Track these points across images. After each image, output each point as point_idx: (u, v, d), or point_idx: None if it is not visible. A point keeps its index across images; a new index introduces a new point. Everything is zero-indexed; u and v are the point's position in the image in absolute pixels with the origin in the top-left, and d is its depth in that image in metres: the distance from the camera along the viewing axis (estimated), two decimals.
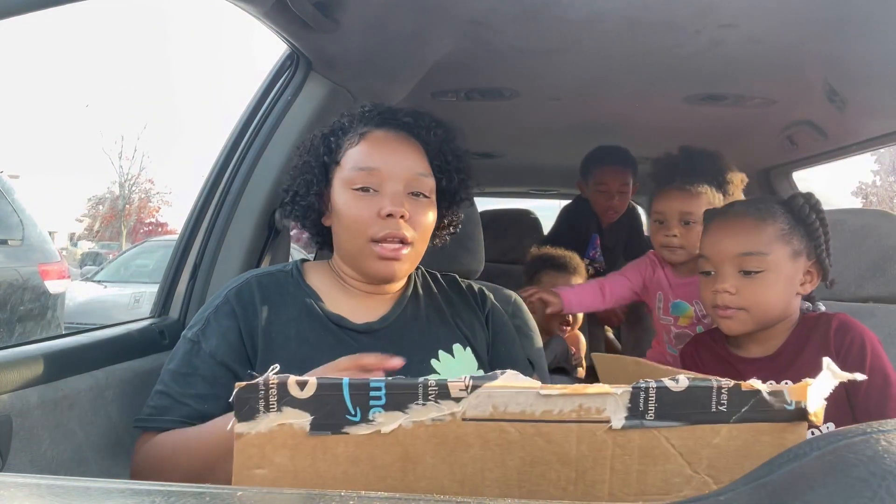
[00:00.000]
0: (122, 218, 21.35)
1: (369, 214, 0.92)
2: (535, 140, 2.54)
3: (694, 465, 0.48)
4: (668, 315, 1.67)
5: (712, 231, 1.16)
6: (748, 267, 1.09)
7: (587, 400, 0.48)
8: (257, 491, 0.39)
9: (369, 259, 0.94)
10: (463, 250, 1.41)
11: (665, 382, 0.48)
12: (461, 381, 0.48)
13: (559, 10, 1.29)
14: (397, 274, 0.96)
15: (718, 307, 1.12)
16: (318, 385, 0.47)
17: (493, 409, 0.48)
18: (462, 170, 1.04)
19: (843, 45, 1.39)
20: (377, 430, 0.48)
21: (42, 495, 0.34)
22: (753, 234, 1.10)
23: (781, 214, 1.11)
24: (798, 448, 0.34)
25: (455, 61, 1.56)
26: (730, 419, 0.48)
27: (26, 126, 33.26)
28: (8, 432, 0.89)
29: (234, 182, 1.41)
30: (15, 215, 3.96)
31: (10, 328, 3.81)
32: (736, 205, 1.19)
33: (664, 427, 0.48)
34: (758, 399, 0.48)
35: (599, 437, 0.48)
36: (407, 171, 0.95)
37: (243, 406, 0.47)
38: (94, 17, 42.79)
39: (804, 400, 0.47)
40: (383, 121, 0.99)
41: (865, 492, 0.28)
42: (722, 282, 1.11)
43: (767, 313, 1.10)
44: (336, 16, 1.25)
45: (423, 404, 0.48)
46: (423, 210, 0.96)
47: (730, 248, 1.11)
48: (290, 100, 1.43)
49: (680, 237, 1.58)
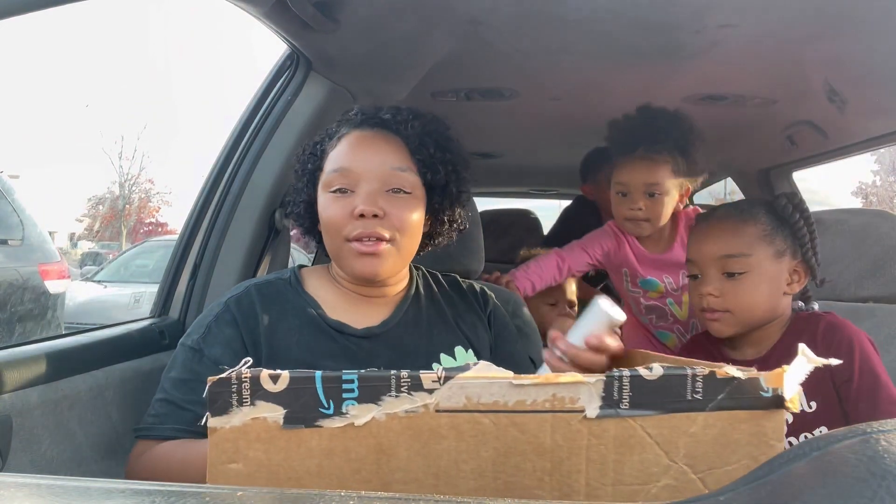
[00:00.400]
0: (122, 218, 21.35)
1: (343, 215, 0.92)
2: (535, 140, 2.54)
3: (671, 455, 0.48)
4: (637, 288, 1.62)
5: (697, 234, 1.17)
6: (731, 268, 1.09)
7: (560, 389, 0.48)
8: (257, 491, 0.39)
9: (349, 258, 0.93)
10: (463, 250, 1.41)
11: (639, 371, 0.48)
12: (434, 372, 0.48)
13: (559, 10, 1.29)
14: (380, 271, 0.93)
15: (705, 310, 1.12)
16: (291, 378, 0.48)
17: (467, 400, 0.48)
18: (449, 161, 0.99)
19: (843, 45, 1.39)
20: (350, 423, 0.48)
21: (42, 495, 0.34)
22: (735, 236, 1.10)
23: (763, 215, 1.12)
24: (798, 448, 0.34)
25: (455, 61, 1.56)
26: (706, 407, 0.48)
27: (26, 126, 33.27)
28: (8, 432, 0.90)
29: (234, 182, 1.41)
30: (15, 215, 3.96)
31: (10, 328, 3.81)
32: (719, 208, 1.19)
33: (639, 416, 0.48)
34: (733, 387, 0.48)
35: (574, 427, 0.48)
36: (381, 168, 0.93)
37: (216, 400, 0.47)
38: (95, 17, 42.80)
39: (780, 387, 0.48)
40: (362, 121, 0.99)
41: (865, 492, 0.28)
42: (706, 284, 1.11)
43: (752, 314, 1.10)
44: (336, 16, 1.25)
45: (396, 396, 0.48)
46: (403, 206, 0.94)
47: (713, 250, 1.11)
48: (290, 100, 1.43)
49: (645, 210, 1.50)
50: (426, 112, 1.02)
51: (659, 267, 1.58)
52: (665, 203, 1.51)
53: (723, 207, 1.19)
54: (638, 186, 1.49)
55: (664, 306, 1.62)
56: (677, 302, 1.61)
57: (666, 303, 1.62)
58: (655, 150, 1.48)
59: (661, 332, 1.69)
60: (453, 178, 1.01)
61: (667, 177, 1.47)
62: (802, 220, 1.12)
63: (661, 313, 1.63)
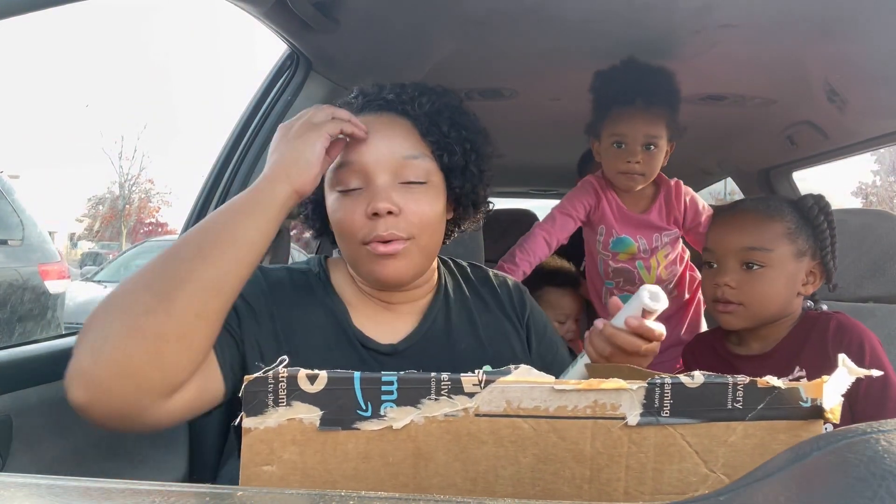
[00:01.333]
0: (122, 218, 21.35)
1: (355, 216, 0.82)
2: (535, 140, 2.54)
3: (710, 464, 0.47)
4: (608, 251, 1.60)
5: (719, 224, 1.17)
6: (751, 259, 1.10)
7: (602, 395, 0.46)
8: (257, 491, 0.39)
9: (367, 262, 0.84)
10: (463, 250, 1.41)
11: (681, 378, 0.47)
12: (474, 376, 0.47)
13: (559, 10, 1.29)
14: (402, 274, 0.84)
15: (719, 301, 1.12)
16: (329, 379, 0.46)
17: (507, 404, 0.47)
18: (466, 139, 0.88)
19: (843, 45, 1.39)
20: (388, 426, 0.46)
21: (42, 495, 0.34)
22: (759, 230, 1.11)
23: (789, 213, 1.12)
24: (798, 448, 0.34)
25: (455, 61, 1.56)
26: (745, 417, 0.47)
27: (26, 126, 33.28)
28: (8, 432, 0.90)
29: (234, 182, 1.41)
30: (15, 215, 3.96)
31: (10, 328, 3.81)
32: (745, 201, 1.20)
33: (679, 424, 0.47)
34: (773, 396, 0.47)
35: (615, 434, 0.47)
36: (391, 158, 0.83)
37: (252, 400, 0.45)
38: (95, 17, 42.80)
39: (820, 397, 0.46)
40: (365, 104, 0.88)
41: (865, 492, 0.28)
42: (723, 275, 1.12)
43: (765, 309, 1.11)
44: (336, 15, 1.25)
45: (435, 399, 0.46)
46: (420, 199, 0.84)
47: (735, 241, 1.11)
48: (290, 100, 1.43)
49: (642, 163, 1.46)
50: (434, 86, 0.91)
51: (635, 226, 1.57)
52: (659, 158, 1.49)
53: (748, 201, 1.19)
54: (637, 138, 1.45)
55: (633, 269, 1.61)
56: (646, 266, 1.61)
57: (635, 265, 1.60)
58: (654, 102, 1.44)
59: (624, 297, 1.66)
60: (472, 158, 0.90)
61: (663, 130, 1.45)
62: (826, 223, 1.12)
63: (629, 276, 1.62)
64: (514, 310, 0.99)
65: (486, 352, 0.92)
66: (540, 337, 1.00)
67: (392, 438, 0.47)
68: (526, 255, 1.53)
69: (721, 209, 1.22)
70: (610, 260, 1.62)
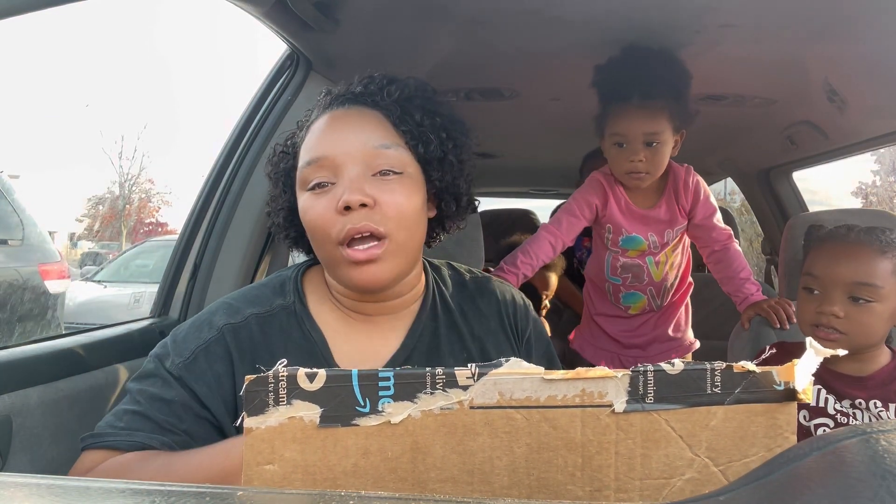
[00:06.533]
0: (122, 218, 21.35)
1: (327, 213, 0.77)
2: (535, 140, 2.54)
3: (694, 448, 0.49)
4: (617, 247, 1.57)
5: (826, 252, 1.15)
6: (860, 295, 1.09)
7: (589, 384, 0.48)
8: (257, 491, 0.39)
9: (343, 267, 0.78)
10: (462, 250, 1.41)
11: (662, 366, 0.49)
12: (468, 369, 0.48)
13: (559, 10, 1.29)
14: (380, 279, 0.79)
15: (821, 326, 1.12)
16: (328, 377, 0.47)
17: (500, 395, 0.48)
18: (441, 127, 0.84)
19: (843, 45, 1.39)
20: (387, 421, 0.47)
21: (42, 495, 0.34)
22: (872, 265, 1.09)
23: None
24: (798, 448, 0.34)
25: (455, 61, 1.56)
26: (724, 400, 0.49)
27: (27, 126, 33.29)
28: (8, 432, 0.90)
29: (234, 182, 1.41)
30: (15, 215, 3.96)
31: (10, 328, 3.82)
32: (857, 231, 1.16)
33: (663, 410, 0.49)
34: (749, 381, 0.49)
35: (603, 422, 0.49)
36: (362, 149, 0.78)
37: (253, 400, 0.46)
38: (95, 17, 42.81)
39: (792, 380, 0.49)
40: (331, 101, 0.85)
41: (865, 492, 0.28)
42: (830, 304, 1.10)
43: (868, 340, 1.11)
44: (336, 16, 1.25)
45: (431, 393, 0.48)
46: (395, 190, 0.78)
47: (845, 274, 1.10)
48: (290, 100, 1.43)
49: (646, 161, 1.42)
50: (405, 77, 0.88)
51: (645, 223, 1.54)
52: (664, 153, 1.45)
53: (861, 232, 1.16)
54: (637, 136, 1.41)
55: (643, 264, 1.58)
56: (655, 261, 1.58)
57: (645, 261, 1.58)
58: (652, 97, 1.39)
59: (630, 294, 1.65)
60: (450, 147, 0.85)
61: (665, 124, 1.41)
62: None
63: (638, 272, 1.59)
64: (514, 326, 0.94)
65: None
66: (539, 361, 0.96)
67: (390, 433, 0.48)
68: (529, 259, 1.51)
69: (831, 235, 1.19)
70: (620, 255, 1.60)
